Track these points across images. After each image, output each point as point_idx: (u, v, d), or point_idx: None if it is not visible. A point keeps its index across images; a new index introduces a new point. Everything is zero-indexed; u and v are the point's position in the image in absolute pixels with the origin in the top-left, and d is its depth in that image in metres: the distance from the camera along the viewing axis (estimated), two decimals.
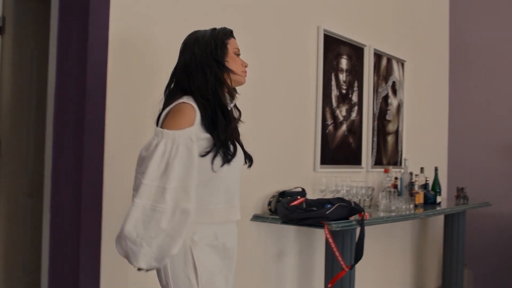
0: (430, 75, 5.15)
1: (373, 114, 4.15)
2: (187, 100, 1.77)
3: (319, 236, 3.47)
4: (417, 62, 4.79)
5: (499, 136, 5.13)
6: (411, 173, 4.15)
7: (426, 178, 4.33)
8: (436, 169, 4.45)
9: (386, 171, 3.99)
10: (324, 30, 3.55)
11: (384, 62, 4.29)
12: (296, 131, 3.39)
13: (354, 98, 3.93)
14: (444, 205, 4.29)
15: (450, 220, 4.54)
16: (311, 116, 3.50)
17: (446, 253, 4.58)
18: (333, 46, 3.67)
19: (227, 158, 1.78)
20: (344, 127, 3.80)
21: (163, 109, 1.83)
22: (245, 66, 1.93)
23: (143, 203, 1.62)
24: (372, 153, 4.14)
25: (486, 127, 5.21)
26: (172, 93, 1.86)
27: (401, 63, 4.54)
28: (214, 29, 1.90)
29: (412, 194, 4.05)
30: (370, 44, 4.07)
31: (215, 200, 1.81)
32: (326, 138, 3.60)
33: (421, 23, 4.93)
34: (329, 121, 3.64)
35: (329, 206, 2.91)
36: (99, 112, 2.22)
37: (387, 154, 4.36)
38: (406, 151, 4.61)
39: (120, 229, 1.64)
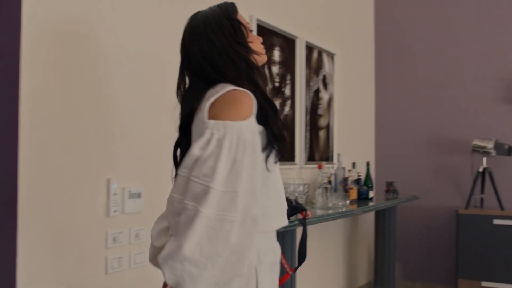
0: (358, 69, 5.11)
1: (306, 108, 4.02)
2: (234, 87, 1.46)
3: None
4: (346, 56, 4.73)
5: (424, 130, 5.17)
6: (343, 169, 4.07)
7: (358, 173, 4.27)
8: (368, 164, 4.39)
9: (320, 167, 3.87)
10: (257, 20, 3.36)
11: (315, 54, 4.17)
12: None
13: (287, 91, 3.77)
14: (375, 200, 4.24)
15: (382, 215, 4.51)
16: None
17: (378, 248, 4.55)
18: (266, 36, 3.49)
19: (282, 154, 1.51)
20: None
21: (187, 110, 1.51)
22: (260, 41, 1.64)
23: (208, 212, 1.30)
24: (305, 149, 4.01)
25: (412, 121, 5.24)
26: (196, 89, 1.52)
27: (331, 56, 4.45)
28: (217, 7, 1.57)
29: (346, 190, 3.97)
30: (302, 36, 3.93)
31: (272, 203, 1.54)
32: None
33: (348, 15, 4.87)
34: None
35: None
36: (11, 107, 1.90)
37: (320, 150, 4.25)
38: (338, 146, 4.52)
39: (175, 247, 1.31)
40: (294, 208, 2.74)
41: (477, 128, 4.91)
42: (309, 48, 4.07)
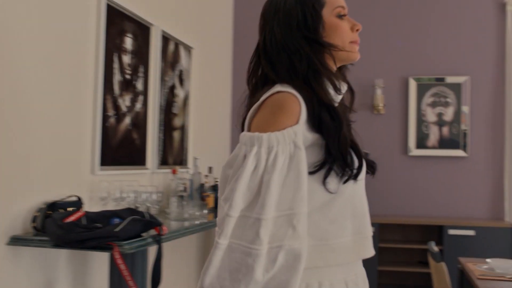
0: (216, 66, 4.77)
1: (160, 106, 3.58)
2: (284, 88, 1.18)
3: (99, 258, 2.78)
4: (205, 51, 4.36)
5: None
6: (199, 174, 3.71)
7: (215, 178, 3.93)
8: None
9: (174, 172, 3.47)
10: (108, 0, 2.86)
11: (171, 47, 3.75)
12: (68, 123, 2.65)
13: (139, 86, 3.30)
14: None
15: None
16: (88, 105, 2.79)
17: None
18: (117, 20, 3.00)
19: (348, 174, 1.18)
20: (127, 120, 3.16)
21: (245, 113, 1.28)
22: (357, 30, 1.29)
23: (229, 243, 1.10)
24: (160, 152, 3.57)
25: None
26: (258, 86, 1.29)
27: (189, 50, 4.05)
28: None
29: (203, 198, 3.60)
30: (158, 24, 3.49)
31: (340, 230, 1.21)
32: (106, 133, 2.92)
33: (207, 7, 4.51)
34: (111, 112, 2.97)
35: (117, 220, 2.28)
36: None
37: (173, 153, 3.83)
38: (193, 149, 4.14)
39: (199, 282, 1.13)
40: (147, 224, 2.31)
41: None
42: (166, 39, 3.64)
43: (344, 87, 1.28)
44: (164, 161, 3.66)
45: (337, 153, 1.17)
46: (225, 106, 5.01)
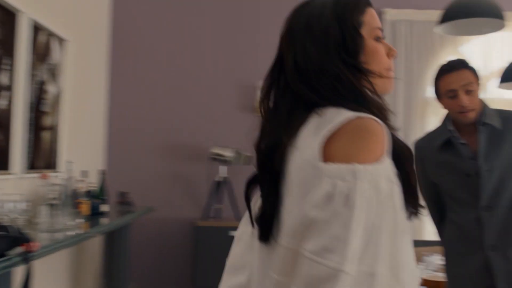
0: (92, 62, 4.43)
1: (29, 103, 3.21)
2: (358, 113, 0.98)
3: None
4: (81, 46, 4.00)
5: (161, 136, 4.77)
6: (72, 179, 3.39)
7: (89, 184, 3.63)
8: (102, 173, 3.77)
9: (44, 177, 3.11)
10: None
11: (43, 38, 3.38)
12: None
13: (4, 79, 2.93)
14: (110, 215, 3.65)
15: (113, 232, 3.94)
16: None
17: (106, 271, 3.97)
18: None
19: (416, 208, 1.03)
20: None
21: (269, 141, 1.06)
22: (392, 56, 1.11)
23: None
24: (28, 154, 3.20)
25: (148, 125, 4.79)
26: (285, 112, 1.06)
27: (63, 43, 3.69)
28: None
29: (76, 205, 3.29)
30: (27, 11, 3.12)
31: (408, 276, 1.00)
32: None
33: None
34: None
35: None
36: None
37: (43, 155, 3.47)
38: (65, 152, 3.78)
39: None
40: (15, 240, 2.01)
41: (216, 136, 4.71)
42: (36, 29, 3.27)
43: (390, 116, 1.11)
44: (32, 165, 3.29)
45: (414, 186, 1.02)
46: (100, 105, 4.68)
